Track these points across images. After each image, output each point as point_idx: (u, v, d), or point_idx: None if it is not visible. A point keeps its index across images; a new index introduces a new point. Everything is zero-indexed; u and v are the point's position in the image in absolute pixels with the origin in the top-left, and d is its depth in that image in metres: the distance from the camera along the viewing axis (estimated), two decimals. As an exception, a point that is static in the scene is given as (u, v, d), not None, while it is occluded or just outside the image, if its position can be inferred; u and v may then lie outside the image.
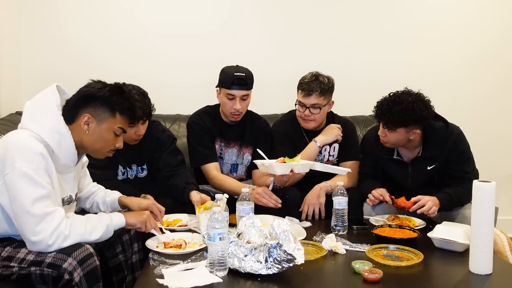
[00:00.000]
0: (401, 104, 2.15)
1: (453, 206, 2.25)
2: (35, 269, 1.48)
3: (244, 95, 2.40)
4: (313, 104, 2.43)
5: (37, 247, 1.48)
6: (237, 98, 2.38)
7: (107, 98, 1.66)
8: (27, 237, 1.48)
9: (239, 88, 2.36)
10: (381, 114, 2.21)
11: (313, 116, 2.47)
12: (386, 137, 2.26)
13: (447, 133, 2.28)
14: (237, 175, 2.59)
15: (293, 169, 2.12)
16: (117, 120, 1.68)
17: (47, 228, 1.46)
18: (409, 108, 2.14)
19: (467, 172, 2.27)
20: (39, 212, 1.46)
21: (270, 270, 1.49)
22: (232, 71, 2.40)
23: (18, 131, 1.60)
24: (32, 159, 1.49)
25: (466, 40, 3.46)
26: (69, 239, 1.50)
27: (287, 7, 3.35)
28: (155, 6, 3.24)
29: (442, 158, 2.28)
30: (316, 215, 2.31)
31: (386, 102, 2.21)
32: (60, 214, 1.51)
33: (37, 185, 1.48)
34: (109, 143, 1.70)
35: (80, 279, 1.45)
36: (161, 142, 2.40)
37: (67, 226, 1.50)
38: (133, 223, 1.75)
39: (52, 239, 1.47)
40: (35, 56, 3.16)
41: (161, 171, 2.38)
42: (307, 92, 2.41)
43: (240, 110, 2.41)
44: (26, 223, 1.47)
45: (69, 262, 1.45)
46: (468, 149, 2.31)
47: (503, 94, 3.51)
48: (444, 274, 1.65)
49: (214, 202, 1.81)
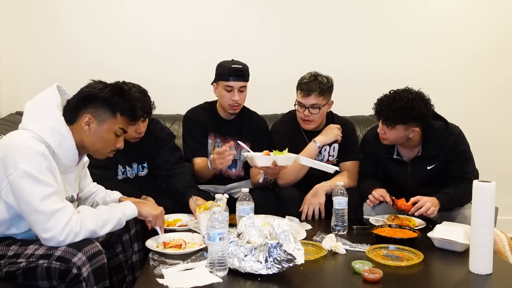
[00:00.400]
0: (400, 101, 2.16)
1: (453, 206, 2.25)
2: (43, 262, 1.48)
3: (241, 87, 2.45)
4: (312, 104, 2.43)
5: (49, 243, 1.50)
6: (235, 90, 2.43)
7: (108, 98, 1.66)
8: (39, 235, 1.50)
9: (236, 79, 2.42)
10: (381, 111, 2.22)
11: (313, 117, 2.47)
12: (385, 134, 2.25)
13: (447, 133, 2.28)
14: (236, 171, 2.62)
15: (276, 161, 2.14)
16: (118, 120, 1.69)
17: (57, 225, 1.48)
18: (408, 105, 2.15)
19: (467, 172, 2.27)
20: (48, 210, 1.47)
21: (270, 270, 1.49)
22: (229, 64, 2.46)
23: (18, 132, 1.60)
24: (34, 159, 1.50)
25: (467, 40, 3.46)
26: (80, 235, 1.52)
27: (287, 7, 3.35)
28: (155, 6, 3.24)
29: (442, 157, 2.28)
30: (316, 215, 2.31)
31: (386, 99, 2.21)
32: (69, 209, 1.52)
33: (42, 183, 1.48)
34: (110, 143, 1.71)
35: (88, 275, 1.46)
36: (160, 139, 2.41)
37: (77, 222, 1.52)
38: (146, 215, 1.79)
39: (63, 235, 1.48)
40: (35, 55, 3.16)
41: (160, 169, 2.39)
42: (306, 92, 2.41)
43: (238, 101, 2.45)
44: (36, 221, 1.49)
45: (78, 257, 1.46)
46: (468, 149, 2.31)
47: (504, 94, 3.51)
48: (444, 274, 1.65)
49: (214, 202, 1.82)
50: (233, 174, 2.62)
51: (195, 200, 2.11)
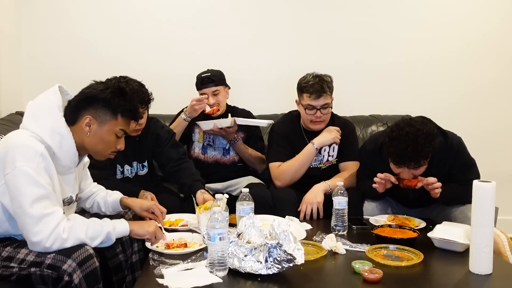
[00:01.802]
0: (418, 139, 1.97)
1: (453, 198, 2.19)
2: (35, 270, 1.48)
3: (214, 91, 2.67)
4: (323, 104, 2.45)
5: (36, 247, 1.48)
6: (209, 95, 2.66)
7: (109, 100, 1.65)
8: (27, 237, 1.49)
9: (206, 86, 2.67)
10: (407, 160, 2.00)
11: (324, 117, 2.49)
12: (413, 176, 2.10)
13: (446, 148, 2.17)
14: (230, 157, 2.76)
15: (216, 124, 2.57)
16: (118, 122, 1.67)
17: (44, 230, 1.46)
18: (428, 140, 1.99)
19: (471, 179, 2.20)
20: (36, 214, 1.46)
21: (270, 270, 1.49)
22: (200, 74, 2.73)
23: (19, 131, 1.60)
24: (32, 158, 1.49)
25: (468, 39, 3.46)
26: (68, 243, 1.49)
27: (287, 8, 3.35)
28: (156, 6, 3.25)
29: (445, 170, 2.21)
30: (315, 215, 2.31)
31: (403, 146, 1.98)
32: (57, 215, 1.50)
33: (36, 184, 1.47)
34: (111, 145, 1.70)
35: (80, 281, 1.45)
36: (161, 137, 2.43)
37: (65, 229, 1.49)
38: (141, 233, 1.73)
39: (49, 241, 1.46)
40: (36, 55, 3.17)
41: (165, 166, 2.41)
42: (317, 94, 2.42)
43: (214, 104, 2.67)
44: (25, 223, 1.48)
45: (68, 264, 1.45)
46: (469, 157, 2.24)
47: (504, 94, 3.50)
48: (444, 274, 1.65)
49: (214, 202, 1.82)
50: (228, 160, 2.75)
51: (203, 193, 2.15)
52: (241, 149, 2.70)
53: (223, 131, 2.61)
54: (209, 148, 2.74)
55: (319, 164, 2.56)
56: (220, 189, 2.62)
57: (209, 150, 2.74)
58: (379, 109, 3.29)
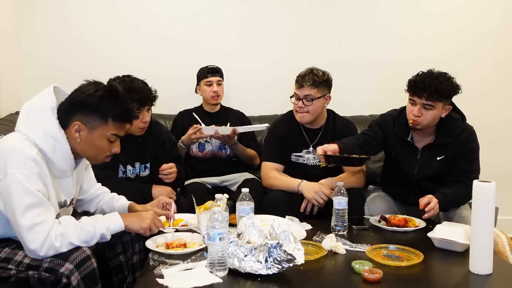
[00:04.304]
0: (441, 76, 2.16)
1: (450, 207, 2.22)
2: (33, 273, 1.47)
3: (218, 81, 2.94)
4: (306, 95, 2.45)
5: (33, 255, 1.47)
6: (214, 83, 2.92)
7: (97, 104, 1.56)
8: (24, 244, 1.47)
9: (213, 75, 2.94)
10: (426, 86, 2.14)
11: (306, 108, 2.48)
12: (421, 117, 2.19)
13: (462, 125, 2.29)
14: (226, 151, 2.94)
15: (217, 130, 2.70)
16: (109, 127, 1.60)
17: (36, 240, 1.44)
18: (447, 78, 2.17)
19: (471, 171, 2.23)
20: (27, 224, 1.44)
21: (270, 270, 1.49)
22: (205, 66, 2.99)
23: (12, 135, 1.56)
24: (24, 164, 1.46)
25: (469, 40, 3.46)
26: (62, 250, 1.48)
27: (287, 7, 3.35)
28: (156, 6, 3.24)
29: (452, 150, 2.25)
30: (322, 203, 2.31)
31: (425, 76, 2.17)
32: (48, 223, 1.46)
33: (27, 193, 1.44)
34: (103, 150, 1.63)
35: (78, 283, 1.45)
36: (164, 143, 2.46)
37: (57, 236, 1.47)
38: (135, 229, 1.69)
39: (43, 250, 1.45)
40: (36, 55, 3.17)
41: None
42: (300, 83, 2.46)
43: (218, 92, 2.93)
44: (18, 232, 1.47)
45: (66, 267, 1.45)
46: (477, 149, 2.29)
47: (504, 94, 3.51)
48: (444, 274, 1.65)
49: (214, 202, 1.82)
50: (224, 155, 2.94)
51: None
52: (240, 151, 2.91)
53: (223, 138, 2.76)
54: (206, 144, 2.93)
55: (318, 161, 2.56)
56: (216, 183, 2.83)
57: (206, 146, 2.93)
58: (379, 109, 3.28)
